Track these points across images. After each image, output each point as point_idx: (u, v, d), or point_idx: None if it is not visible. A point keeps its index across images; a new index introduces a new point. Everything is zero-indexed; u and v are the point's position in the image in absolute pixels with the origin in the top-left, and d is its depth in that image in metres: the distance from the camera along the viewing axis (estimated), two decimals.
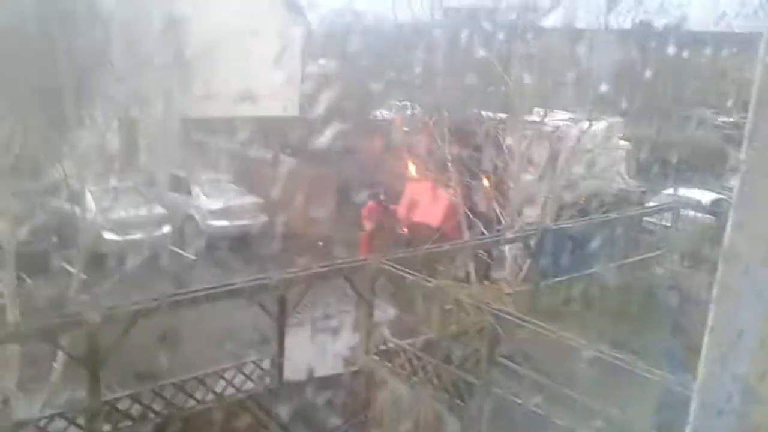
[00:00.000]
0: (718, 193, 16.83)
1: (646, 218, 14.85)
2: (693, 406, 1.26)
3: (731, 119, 19.11)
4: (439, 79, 14.56)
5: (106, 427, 7.83)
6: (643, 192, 18.40)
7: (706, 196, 16.84)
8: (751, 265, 1.18)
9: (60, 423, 7.62)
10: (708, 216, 14.39)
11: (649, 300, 10.77)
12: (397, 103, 25.14)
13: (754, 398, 1.13)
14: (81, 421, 7.65)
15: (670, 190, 17.82)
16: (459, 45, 15.80)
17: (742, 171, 1.24)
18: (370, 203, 17.73)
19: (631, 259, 12.93)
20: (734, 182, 1.30)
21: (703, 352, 1.26)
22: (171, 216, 16.61)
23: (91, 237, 10.82)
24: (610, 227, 12.83)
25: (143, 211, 12.79)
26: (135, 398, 8.13)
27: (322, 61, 29.17)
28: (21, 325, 8.49)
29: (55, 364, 9.59)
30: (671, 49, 16.81)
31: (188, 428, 8.38)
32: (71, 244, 15.02)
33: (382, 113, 26.36)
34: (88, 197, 11.62)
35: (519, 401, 8.40)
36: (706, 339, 1.28)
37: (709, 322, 1.28)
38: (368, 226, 17.30)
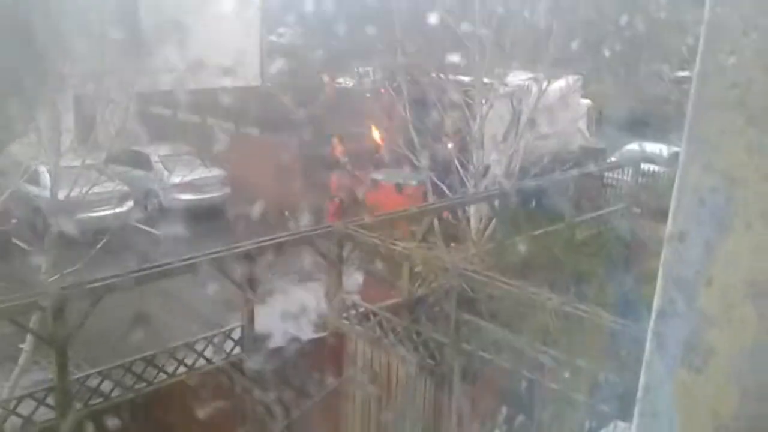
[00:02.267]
0: (678, 146, 17.06)
1: (607, 174, 15.06)
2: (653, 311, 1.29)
3: (688, 73, 19.34)
4: (399, 44, 14.48)
5: (77, 405, 7.78)
6: (604, 148, 18.66)
7: (665, 150, 17.09)
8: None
9: (30, 403, 7.56)
10: (667, 169, 14.64)
11: (609, 252, 10.99)
12: (359, 69, 24.95)
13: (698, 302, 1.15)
14: (51, 400, 7.59)
15: (631, 146, 18.08)
16: (418, 8, 15.68)
17: (692, 104, 1.27)
18: (337, 172, 17.72)
19: (593, 214, 13.15)
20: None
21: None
22: (133, 192, 16.40)
23: (52, 217, 10.66)
24: (572, 184, 13.00)
25: (104, 189, 12.59)
26: (105, 375, 8.08)
27: (281, 30, 28.72)
28: None
29: (22, 346, 9.51)
30: (629, 5, 16.89)
31: (161, 402, 8.37)
32: (32, 226, 14.79)
33: (345, 80, 26.16)
34: (46, 177, 11.42)
35: (488, 357, 8.56)
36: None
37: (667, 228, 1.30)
38: (335, 194, 17.31)
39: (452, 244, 12.05)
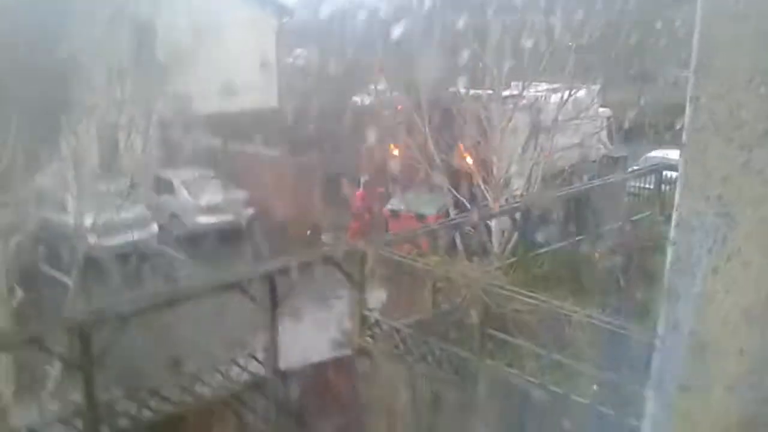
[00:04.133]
0: None
1: (630, 183, 14.91)
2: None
3: None
4: (416, 60, 14.51)
5: (105, 428, 7.85)
6: (626, 156, 18.48)
7: None
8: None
9: (58, 428, 7.64)
10: None
11: (635, 262, 10.84)
12: (375, 87, 24.98)
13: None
14: (79, 424, 7.66)
15: (651, 153, 17.90)
16: (434, 23, 15.73)
17: (692, 109, 1.29)
18: (359, 191, 17.70)
19: (617, 224, 12.99)
20: None
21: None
22: (156, 216, 16.58)
23: (78, 243, 10.80)
24: (594, 194, 12.88)
25: (128, 214, 12.74)
26: (131, 398, 8.14)
27: (298, 51, 29.00)
28: (12, 335, 8.48)
29: (50, 369, 9.61)
30: (643, 11, 16.79)
31: (188, 424, 8.41)
32: (59, 253, 14.99)
33: (361, 99, 26.24)
34: (72, 204, 11.60)
35: (513, 371, 8.48)
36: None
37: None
38: (358, 213, 17.29)
39: (474, 259, 11.98)
